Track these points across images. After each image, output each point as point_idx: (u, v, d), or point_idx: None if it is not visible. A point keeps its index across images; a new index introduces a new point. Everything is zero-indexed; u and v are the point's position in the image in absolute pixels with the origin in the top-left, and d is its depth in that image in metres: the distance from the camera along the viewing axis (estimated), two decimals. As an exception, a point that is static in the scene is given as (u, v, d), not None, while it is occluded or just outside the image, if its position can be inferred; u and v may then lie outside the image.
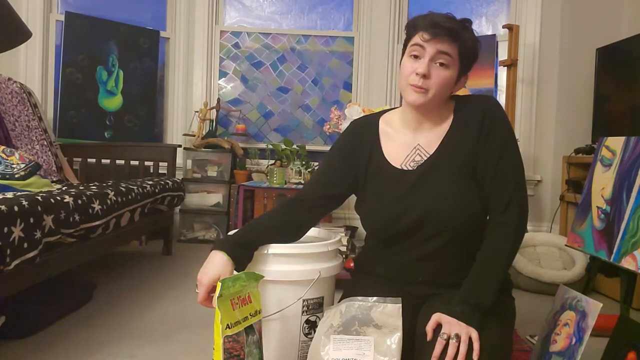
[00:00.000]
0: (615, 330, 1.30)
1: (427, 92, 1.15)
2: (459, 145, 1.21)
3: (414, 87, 1.15)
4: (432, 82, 1.15)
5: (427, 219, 1.19)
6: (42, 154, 2.69)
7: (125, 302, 2.05)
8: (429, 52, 1.14)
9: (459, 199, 1.18)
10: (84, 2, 3.55)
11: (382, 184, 1.26)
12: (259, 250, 1.22)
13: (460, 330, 1.05)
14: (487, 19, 3.66)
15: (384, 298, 1.10)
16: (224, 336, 1.01)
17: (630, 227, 1.53)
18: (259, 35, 3.81)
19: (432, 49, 1.13)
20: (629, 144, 1.68)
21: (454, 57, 1.15)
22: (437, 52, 1.13)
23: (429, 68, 1.14)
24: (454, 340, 1.03)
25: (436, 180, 1.20)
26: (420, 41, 1.14)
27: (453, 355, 1.02)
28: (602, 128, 2.87)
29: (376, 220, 1.26)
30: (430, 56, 1.14)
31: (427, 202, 1.19)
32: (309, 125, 3.84)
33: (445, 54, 1.13)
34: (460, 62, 1.17)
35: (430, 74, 1.14)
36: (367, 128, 1.32)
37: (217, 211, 3.47)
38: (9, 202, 1.38)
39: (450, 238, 1.20)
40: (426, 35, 1.13)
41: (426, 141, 1.24)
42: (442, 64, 1.14)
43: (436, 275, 1.23)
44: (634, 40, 2.66)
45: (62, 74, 3.22)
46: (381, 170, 1.26)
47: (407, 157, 1.25)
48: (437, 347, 1.04)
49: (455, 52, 1.14)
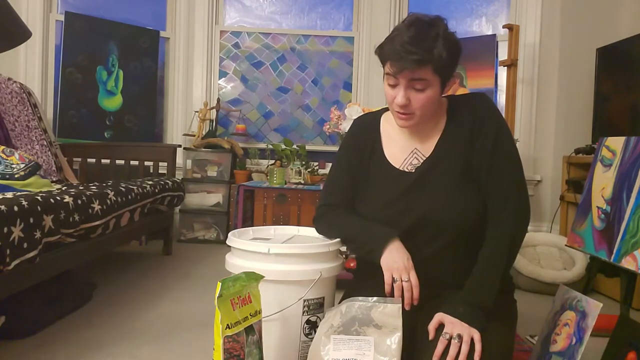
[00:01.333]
0: (615, 330, 1.30)
1: (412, 116, 1.17)
2: (454, 145, 1.21)
3: (399, 114, 1.17)
4: (413, 107, 1.15)
5: (426, 221, 1.19)
6: (42, 154, 2.69)
7: (125, 302, 2.05)
8: (403, 82, 1.13)
9: (457, 201, 1.19)
10: (84, 2, 3.55)
11: (383, 183, 1.27)
12: (259, 250, 1.22)
13: (462, 330, 1.05)
14: (487, 19, 3.66)
15: (384, 298, 1.10)
16: (224, 336, 1.01)
17: (630, 227, 1.53)
18: (259, 35, 3.81)
19: (404, 79, 1.13)
20: (629, 144, 1.68)
21: (429, 77, 1.12)
22: (410, 80, 1.12)
23: (407, 96, 1.14)
24: (456, 341, 1.04)
25: (434, 182, 1.21)
26: (391, 72, 1.14)
27: (454, 355, 1.02)
28: (602, 128, 2.87)
29: (376, 219, 1.25)
30: (404, 85, 1.13)
31: (425, 204, 1.20)
32: (308, 125, 3.84)
33: (419, 80, 1.12)
34: (440, 75, 1.14)
35: (410, 100, 1.14)
36: (370, 126, 1.34)
37: (217, 211, 3.47)
38: (8, 202, 1.38)
39: (450, 239, 1.20)
40: (394, 69, 1.12)
41: (422, 144, 1.25)
42: (418, 89, 1.13)
43: (437, 276, 1.22)
44: (634, 40, 2.66)
45: (62, 74, 3.22)
46: (382, 170, 1.27)
47: (406, 160, 1.26)
48: (439, 346, 1.04)
49: (429, 74, 1.12)
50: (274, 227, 1.50)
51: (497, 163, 1.18)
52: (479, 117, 1.20)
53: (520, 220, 1.19)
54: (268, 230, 1.49)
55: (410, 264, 1.14)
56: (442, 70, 1.13)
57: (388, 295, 1.14)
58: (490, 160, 1.18)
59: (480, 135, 1.19)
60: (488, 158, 1.18)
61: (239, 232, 1.40)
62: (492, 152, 1.18)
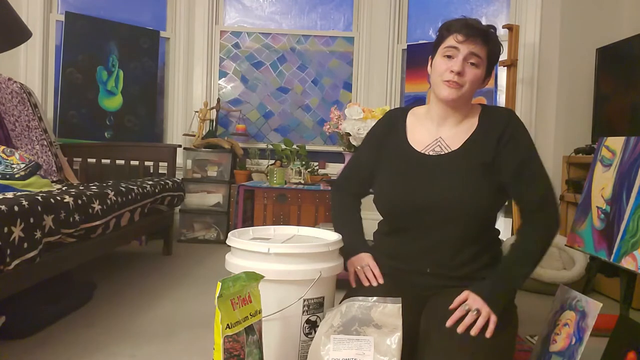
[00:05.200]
0: (615, 330, 1.30)
1: (460, 87, 1.24)
2: (482, 146, 1.27)
3: (449, 82, 1.24)
4: (465, 79, 1.24)
5: (439, 202, 1.24)
6: (42, 154, 2.69)
7: (125, 302, 2.05)
8: (463, 52, 1.23)
9: (472, 190, 1.24)
10: (84, 2, 3.55)
11: (403, 164, 1.33)
12: (259, 250, 1.23)
13: (482, 307, 1.12)
14: (487, 19, 3.66)
15: (384, 298, 1.11)
16: (224, 336, 1.01)
17: (630, 227, 1.53)
18: (259, 35, 3.81)
19: (465, 50, 1.23)
20: (629, 144, 1.68)
21: (483, 58, 1.25)
22: (470, 53, 1.23)
23: (463, 66, 1.23)
24: (474, 313, 1.11)
25: (454, 170, 1.26)
26: (454, 42, 1.24)
27: (469, 323, 1.10)
28: (602, 128, 2.87)
29: (391, 191, 1.32)
30: (463, 56, 1.23)
31: (441, 186, 1.25)
32: (309, 125, 3.84)
33: (476, 56, 1.23)
34: (488, 63, 1.26)
35: (464, 71, 1.23)
36: (397, 117, 1.41)
37: (217, 211, 3.47)
38: (9, 202, 1.38)
39: (459, 229, 1.24)
40: (460, 37, 1.23)
41: (448, 136, 1.31)
42: (473, 64, 1.23)
43: (444, 267, 1.26)
44: (634, 40, 2.66)
45: (62, 74, 3.22)
46: (404, 152, 1.34)
47: (429, 145, 1.32)
48: (456, 313, 1.12)
49: (484, 54, 1.24)
50: (274, 227, 1.50)
51: (531, 173, 1.24)
52: (511, 130, 1.27)
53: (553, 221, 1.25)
54: (268, 230, 1.49)
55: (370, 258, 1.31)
56: (493, 57, 1.27)
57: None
58: (523, 171, 1.24)
59: (509, 146, 1.25)
60: (519, 169, 1.24)
61: (239, 232, 1.40)
62: (525, 163, 1.24)
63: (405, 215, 1.29)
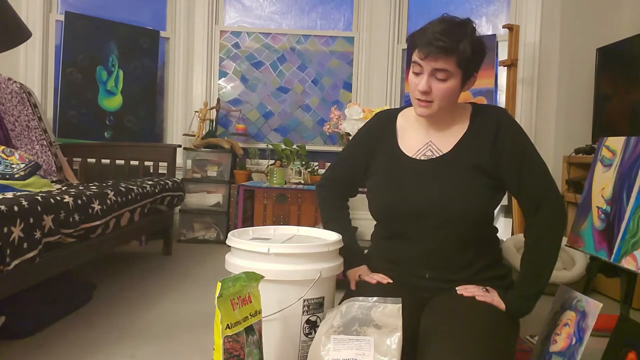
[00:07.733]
0: (615, 330, 1.30)
1: (431, 104, 1.21)
2: (474, 148, 1.25)
3: (419, 101, 1.21)
4: (434, 96, 1.20)
5: (432, 208, 1.23)
6: (42, 154, 2.69)
7: (125, 302, 2.05)
8: (427, 70, 1.18)
9: (465, 193, 1.22)
10: (84, 2, 3.55)
11: (394, 168, 1.31)
12: (259, 250, 1.23)
13: (493, 291, 1.21)
14: (487, 19, 3.66)
15: (384, 298, 1.11)
16: (224, 336, 1.01)
17: (630, 227, 1.53)
18: (259, 35, 3.81)
19: (428, 67, 1.18)
20: (629, 144, 1.68)
21: (452, 69, 1.18)
22: (433, 69, 1.17)
23: (428, 84, 1.19)
24: (484, 289, 1.18)
25: (446, 173, 1.25)
26: (417, 59, 1.19)
27: (476, 292, 1.17)
28: (602, 128, 2.86)
29: (384, 197, 1.30)
30: (428, 73, 1.18)
31: (434, 191, 1.24)
32: (309, 125, 3.84)
33: (442, 70, 1.17)
34: (462, 70, 1.19)
35: (431, 88, 1.19)
36: (387, 120, 1.39)
37: (217, 211, 3.47)
38: (8, 202, 1.38)
39: (455, 233, 1.23)
40: (421, 54, 1.18)
41: (439, 139, 1.29)
42: (440, 79, 1.18)
43: (441, 271, 1.26)
44: (634, 40, 2.65)
45: (62, 74, 3.22)
46: (394, 157, 1.32)
47: (420, 150, 1.30)
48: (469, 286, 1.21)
49: (452, 66, 1.17)
50: (274, 227, 1.50)
51: (528, 173, 1.23)
52: (503, 132, 1.24)
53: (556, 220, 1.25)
54: (268, 230, 1.49)
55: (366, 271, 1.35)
56: (465, 65, 1.18)
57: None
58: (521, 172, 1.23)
59: (505, 148, 1.23)
60: (517, 170, 1.23)
61: (239, 232, 1.40)
62: (521, 164, 1.23)
63: (400, 221, 1.28)
